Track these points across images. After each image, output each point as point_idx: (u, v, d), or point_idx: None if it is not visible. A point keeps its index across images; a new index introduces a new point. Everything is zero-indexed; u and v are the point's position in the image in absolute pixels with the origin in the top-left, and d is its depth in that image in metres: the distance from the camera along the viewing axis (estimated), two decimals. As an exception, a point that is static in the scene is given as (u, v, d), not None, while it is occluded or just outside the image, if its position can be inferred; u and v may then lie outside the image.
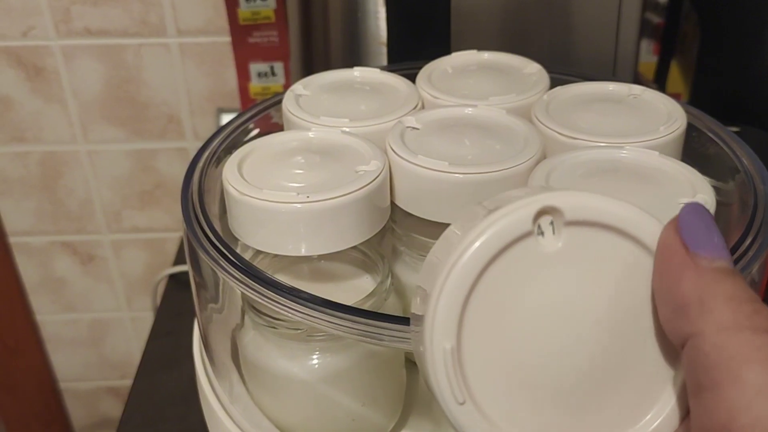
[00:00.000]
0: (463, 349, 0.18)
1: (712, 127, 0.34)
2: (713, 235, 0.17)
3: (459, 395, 0.18)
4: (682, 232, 0.17)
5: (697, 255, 0.17)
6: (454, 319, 0.18)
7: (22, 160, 0.74)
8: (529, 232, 0.18)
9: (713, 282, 0.16)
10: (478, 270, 0.18)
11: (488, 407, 0.18)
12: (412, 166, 0.29)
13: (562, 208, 0.18)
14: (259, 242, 0.29)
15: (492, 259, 0.18)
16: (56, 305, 0.83)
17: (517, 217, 0.18)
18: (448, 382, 0.18)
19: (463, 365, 0.18)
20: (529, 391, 0.18)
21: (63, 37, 0.68)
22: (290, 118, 0.33)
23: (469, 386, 0.18)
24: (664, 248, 0.18)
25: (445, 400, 0.18)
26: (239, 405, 0.31)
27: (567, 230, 0.18)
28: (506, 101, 0.34)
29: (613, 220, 0.18)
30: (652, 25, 0.63)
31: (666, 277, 0.17)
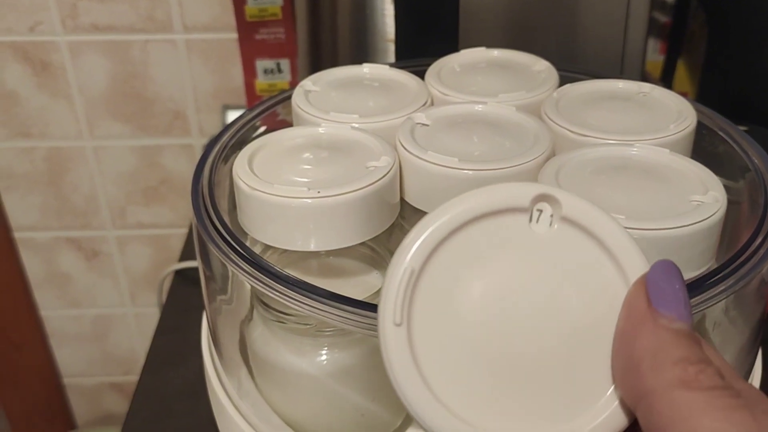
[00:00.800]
0: (415, 310, 0.18)
1: (722, 125, 0.34)
2: (679, 296, 0.18)
3: (398, 317, 0.18)
4: (649, 289, 0.18)
5: (659, 313, 0.17)
6: (425, 250, 0.18)
7: (27, 155, 0.74)
8: (523, 208, 0.19)
9: (668, 343, 0.17)
10: (461, 222, 0.19)
11: (431, 371, 0.18)
12: (422, 162, 0.29)
13: (561, 200, 0.19)
14: (269, 237, 0.29)
15: (480, 216, 0.19)
16: (60, 301, 0.84)
17: (516, 192, 0.19)
18: (395, 301, 0.18)
19: (411, 333, 0.18)
20: (474, 367, 0.19)
21: (70, 32, 0.68)
22: (300, 114, 0.33)
23: (416, 356, 0.18)
24: (629, 302, 0.18)
25: (384, 321, 0.18)
26: (248, 400, 0.31)
27: (560, 226, 0.19)
28: (516, 98, 0.34)
29: (604, 233, 0.19)
30: (659, 24, 0.63)
31: (626, 330, 0.18)
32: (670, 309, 0.17)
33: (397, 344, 0.18)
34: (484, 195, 0.19)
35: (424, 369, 0.18)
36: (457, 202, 0.19)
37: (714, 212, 0.26)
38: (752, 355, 0.31)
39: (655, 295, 0.18)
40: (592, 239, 0.19)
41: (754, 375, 0.31)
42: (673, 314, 0.17)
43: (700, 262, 0.26)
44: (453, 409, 0.18)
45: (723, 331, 0.29)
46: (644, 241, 0.25)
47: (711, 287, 0.25)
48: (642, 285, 0.18)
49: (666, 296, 0.18)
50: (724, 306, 0.28)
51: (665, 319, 0.17)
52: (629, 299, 0.18)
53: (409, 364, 0.18)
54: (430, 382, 0.18)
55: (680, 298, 0.18)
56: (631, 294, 0.18)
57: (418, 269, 0.18)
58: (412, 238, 0.19)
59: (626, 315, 0.18)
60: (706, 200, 0.26)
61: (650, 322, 0.17)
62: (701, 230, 0.25)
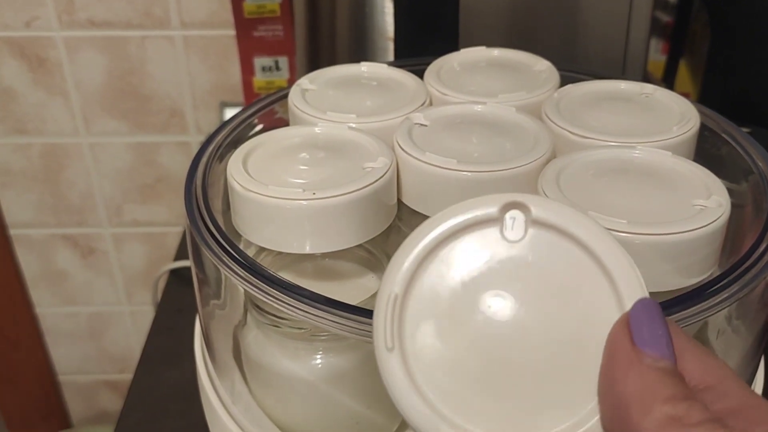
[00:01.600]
0: (408, 301, 0.19)
1: (725, 127, 0.33)
2: (662, 334, 0.18)
3: (389, 341, 0.19)
4: (632, 328, 0.18)
5: (643, 353, 0.17)
6: (406, 274, 0.19)
7: (23, 152, 0.73)
8: (494, 218, 0.19)
9: (655, 383, 0.17)
10: (437, 241, 0.19)
11: (427, 390, 0.19)
12: (420, 163, 0.28)
13: (529, 205, 0.19)
14: (263, 239, 0.28)
15: (453, 235, 0.19)
16: (56, 298, 0.83)
17: (484, 203, 0.19)
18: (384, 326, 0.19)
19: (403, 317, 0.19)
20: (466, 375, 0.19)
21: (66, 28, 0.67)
22: (296, 113, 0.33)
23: (403, 331, 0.19)
24: (612, 342, 0.18)
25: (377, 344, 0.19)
26: (240, 404, 0.31)
27: (534, 230, 0.19)
28: (516, 99, 0.33)
29: (578, 230, 0.19)
30: (662, 24, 0.62)
31: (610, 373, 0.18)
32: (653, 349, 0.17)
33: (392, 368, 0.19)
34: (453, 212, 0.20)
35: (421, 388, 0.19)
36: (429, 223, 0.20)
37: (717, 217, 0.25)
38: (755, 362, 0.30)
39: (639, 336, 0.18)
40: (567, 239, 0.19)
41: (757, 382, 0.31)
42: (657, 353, 0.17)
43: (702, 267, 0.26)
44: (453, 420, 0.19)
45: (726, 340, 0.29)
46: (646, 246, 0.24)
47: (714, 295, 0.24)
48: (624, 325, 0.18)
49: (649, 336, 0.18)
50: (727, 313, 0.28)
51: (650, 358, 0.17)
52: (612, 339, 0.18)
53: (407, 386, 0.19)
54: (430, 398, 0.19)
55: (663, 336, 0.18)
56: (614, 334, 0.18)
57: (402, 293, 0.19)
58: (393, 264, 0.20)
59: (610, 356, 0.18)
60: (710, 205, 0.26)
61: (636, 363, 0.17)
62: (704, 236, 0.25)
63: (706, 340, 0.29)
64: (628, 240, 0.24)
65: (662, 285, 0.25)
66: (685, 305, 0.24)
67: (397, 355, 0.19)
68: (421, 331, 0.19)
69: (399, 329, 0.19)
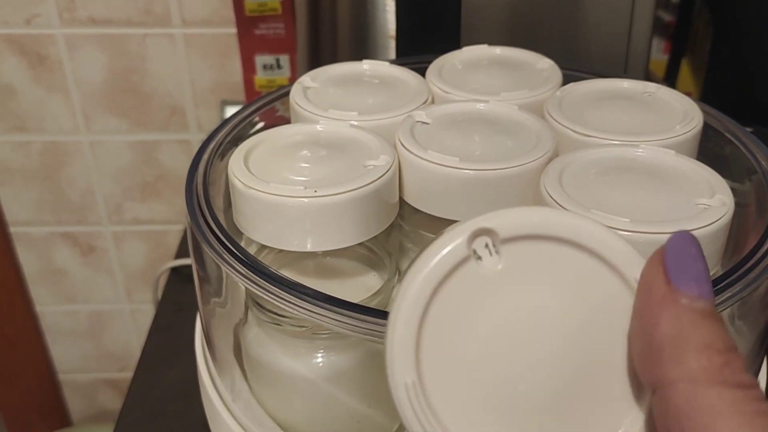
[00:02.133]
0: (426, 381, 0.18)
1: (729, 126, 0.33)
2: (700, 270, 0.16)
3: (429, 427, 0.17)
4: (668, 264, 0.16)
5: (679, 292, 0.16)
6: (410, 355, 0.17)
7: (23, 149, 0.73)
8: (465, 257, 0.18)
9: (690, 326, 0.16)
10: (423, 304, 0.17)
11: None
12: (421, 161, 0.28)
13: (494, 228, 0.18)
14: (264, 237, 0.28)
15: (434, 291, 0.18)
16: (56, 296, 0.83)
17: (451, 244, 0.18)
18: (416, 417, 0.17)
19: (428, 397, 0.18)
20: (496, 411, 0.18)
21: (67, 25, 0.67)
22: (298, 111, 0.33)
23: (438, 416, 0.18)
24: (645, 282, 0.17)
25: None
26: (241, 402, 0.31)
27: (506, 249, 0.18)
28: (518, 97, 0.33)
29: (550, 229, 0.18)
30: (663, 24, 0.62)
31: (644, 313, 0.17)
32: (691, 287, 0.16)
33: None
34: (423, 265, 0.18)
35: (446, 424, 0.18)
36: (403, 296, 0.18)
37: (721, 216, 0.25)
38: (757, 363, 0.30)
39: (675, 272, 0.16)
40: (541, 241, 0.18)
41: (759, 383, 0.31)
42: (696, 292, 0.16)
43: (705, 267, 0.25)
44: None
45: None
46: (649, 245, 0.24)
47: (717, 293, 0.24)
48: (659, 260, 0.16)
49: (686, 272, 0.16)
50: (729, 313, 0.28)
51: (687, 298, 0.16)
52: (646, 277, 0.17)
53: (431, 425, 0.17)
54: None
55: (702, 273, 0.16)
56: (647, 271, 0.17)
57: (417, 378, 0.18)
58: (392, 350, 0.18)
59: (644, 296, 0.17)
60: (713, 204, 0.26)
61: (671, 304, 0.16)
62: (707, 235, 0.25)
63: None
64: (631, 239, 0.24)
65: (665, 284, 0.25)
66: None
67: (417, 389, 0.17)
68: (451, 402, 0.18)
69: (430, 411, 0.17)
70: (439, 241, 0.18)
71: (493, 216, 0.18)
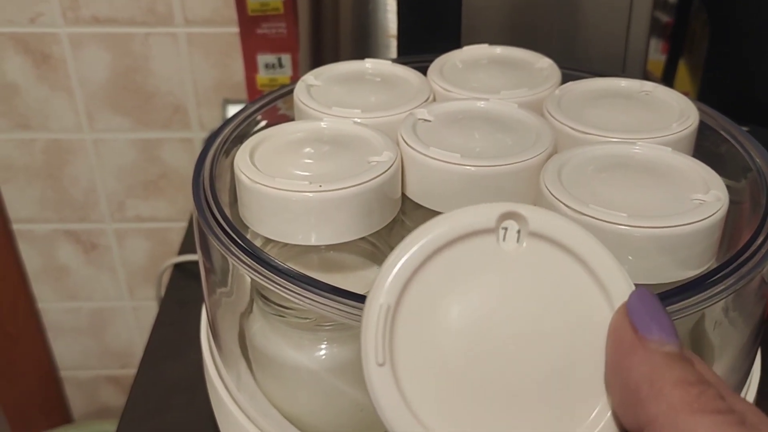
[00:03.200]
0: (397, 362, 0.18)
1: (725, 124, 0.34)
2: (662, 319, 0.17)
3: (397, 410, 0.18)
4: (633, 317, 0.18)
5: (646, 339, 0.17)
6: (398, 284, 0.18)
7: (27, 147, 0.74)
8: (490, 228, 0.19)
9: (663, 366, 0.17)
10: (431, 250, 0.18)
11: (420, 407, 0.18)
12: (423, 157, 0.29)
13: (526, 216, 0.19)
14: (270, 230, 0.28)
15: (448, 243, 0.18)
16: (58, 293, 0.83)
17: (481, 212, 0.19)
18: (384, 396, 0.18)
19: (398, 379, 0.18)
20: (465, 398, 0.18)
21: (70, 24, 0.67)
22: (302, 108, 0.33)
23: (406, 398, 0.18)
24: (614, 332, 0.18)
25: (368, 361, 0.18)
26: (246, 393, 0.31)
27: (529, 241, 0.19)
28: (518, 95, 0.34)
29: (574, 244, 0.19)
30: (661, 24, 0.63)
31: (617, 361, 0.18)
32: (656, 333, 0.17)
33: (382, 384, 0.18)
34: (449, 221, 0.19)
35: (413, 404, 0.18)
36: (423, 231, 0.19)
37: (715, 211, 0.26)
38: (752, 355, 0.31)
39: (640, 323, 0.17)
40: (564, 251, 0.19)
41: (753, 376, 0.32)
42: (662, 337, 0.17)
43: (700, 261, 0.26)
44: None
45: (723, 331, 0.29)
46: (646, 239, 0.25)
47: (711, 286, 0.25)
48: (624, 314, 0.18)
49: (650, 322, 0.17)
50: (724, 305, 0.28)
51: (654, 343, 0.17)
52: (614, 330, 0.18)
53: (397, 403, 0.18)
54: (421, 416, 0.18)
55: (664, 321, 0.17)
56: (614, 324, 0.18)
57: (394, 304, 0.18)
58: (384, 274, 0.19)
59: (614, 346, 0.18)
60: (708, 199, 0.26)
61: (640, 349, 0.17)
62: (702, 229, 0.25)
63: (703, 332, 0.29)
64: (628, 233, 0.25)
65: (661, 277, 0.26)
66: (683, 296, 0.24)
67: (388, 370, 0.18)
68: (413, 344, 0.18)
69: (390, 343, 0.18)
70: (474, 208, 0.19)
71: (531, 208, 0.19)
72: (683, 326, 0.29)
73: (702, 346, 0.30)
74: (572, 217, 0.26)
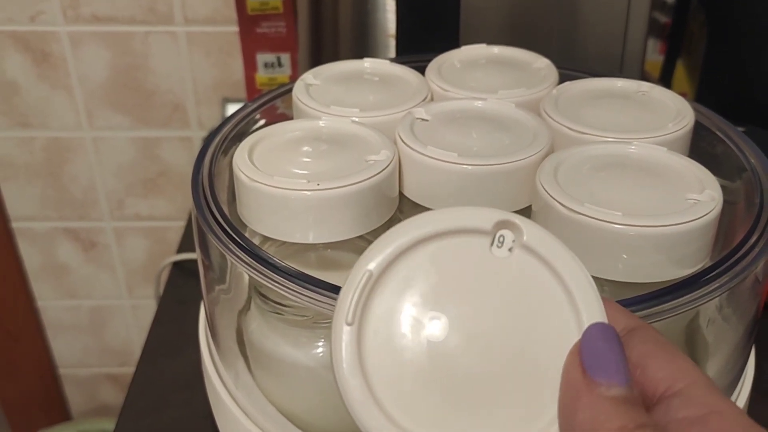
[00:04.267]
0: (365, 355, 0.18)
1: (720, 125, 0.34)
2: (614, 359, 0.17)
3: (350, 316, 0.18)
4: (583, 356, 0.18)
5: (595, 382, 0.17)
6: (387, 258, 0.19)
7: (27, 145, 0.74)
8: (486, 231, 0.19)
9: (605, 413, 0.17)
10: (426, 235, 0.19)
11: (383, 394, 0.18)
12: (421, 156, 0.29)
13: (523, 229, 0.19)
14: (268, 229, 0.29)
15: (443, 234, 0.19)
16: (57, 291, 0.84)
17: (482, 215, 0.19)
18: (350, 300, 0.18)
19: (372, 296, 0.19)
20: (421, 374, 0.18)
21: (71, 23, 0.68)
22: (300, 107, 0.34)
23: (370, 382, 0.18)
24: (565, 373, 0.18)
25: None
26: (244, 390, 0.31)
27: (519, 252, 0.19)
28: (515, 95, 0.34)
29: (560, 266, 0.19)
30: (659, 25, 0.63)
31: (564, 404, 0.18)
32: (604, 375, 0.17)
33: (346, 342, 0.18)
34: (450, 213, 0.20)
35: (369, 370, 0.18)
36: (423, 217, 0.20)
37: (710, 210, 0.26)
38: (745, 353, 0.31)
39: (589, 363, 0.17)
40: (548, 270, 0.19)
41: (747, 373, 0.32)
42: (609, 380, 0.17)
43: (695, 259, 0.26)
44: (392, 416, 0.18)
45: (717, 329, 0.29)
46: (640, 238, 0.25)
47: (705, 284, 0.25)
48: (576, 354, 0.18)
49: (600, 362, 0.17)
50: (718, 304, 0.28)
51: (601, 387, 0.17)
52: (566, 371, 0.18)
53: (355, 364, 0.18)
54: (372, 383, 0.18)
55: (614, 361, 0.17)
56: (567, 365, 0.18)
57: (377, 274, 0.19)
58: (377, 244, 0.19)
59: (564, 386, 0.18)
60: (703, 198, 0.26)
61: (586, 395, 0.17)
62: (697, 228, 0.25)
63: (698, 330, 0.30)
64: (623, 231, 0.25)
65: (656, 276, 0.26)
66: (677, 294, 0.24)
67: (354, 330, 0.18)
68: (385, 317, 0.19)
69: (364, 308, 0.19)
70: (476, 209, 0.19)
71: (528, 222, 0.20)
72: (677, 324, 0.29)
73: (696, 343, 0.30)
74: (568, 215, 0.26)
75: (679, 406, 0.17)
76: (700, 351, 0.30)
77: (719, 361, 0.30)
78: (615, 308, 0.19)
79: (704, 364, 0.30)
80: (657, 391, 0.18)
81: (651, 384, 0.18)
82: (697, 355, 0.30)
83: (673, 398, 0.17)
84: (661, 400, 0.18)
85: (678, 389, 0.17)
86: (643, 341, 0.18)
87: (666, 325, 0.25)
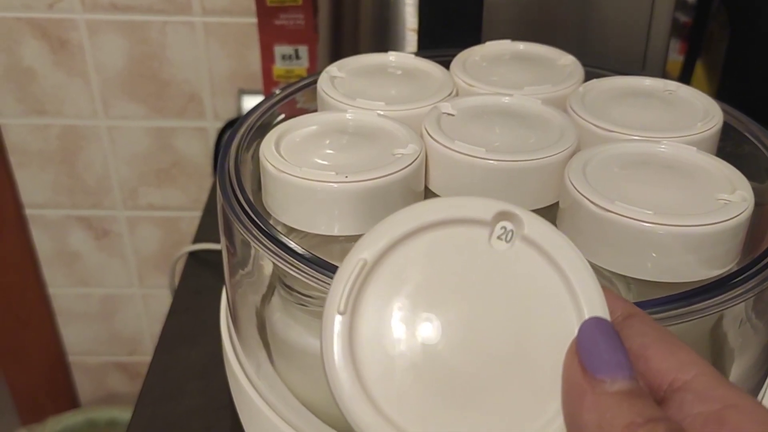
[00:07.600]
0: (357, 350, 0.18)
1: (748, 125, 0.34)
2: (612, 354, 0.17)
3: (342, 305, 0.18)
4: (581, 354, 0.17)
5: (596, 380, 0.17)
6: (383, 246, 0.18)
7: (42, 132, 0.74)
8: (485, 221, 0.19)
9: (611, 409, 0.16)
10: (425, 224, 0.19)
11: (374, 387, 0.18)
12: (448, 151, 0.29)
13: (523, 220, 0.19)
14: (293, 219, 0.29)
15: (441, 223, 0.19)
16: (69, 279, 0.84)
17: (481, 205, 0.19)
18: (343, 289, 0.18)
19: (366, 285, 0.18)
20: (424, 384, 0.18)
21: (89, 11, 0.68)
22: (325, 99, 0.34)
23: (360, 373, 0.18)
24: (566, 374, 0.18)
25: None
26: (266, 380, 0.31)
27: (519, 244, 0.19)
28: (541, 91, 0.34)
29: (561, 258, 0.19)
30: (680, 24, 0.63)
31: (568, 407, 0.17)
32: (605, 371, 0.17)
33: (336, 331, 0.18)
34: (450, 202, 0.19)
35: (360, 361, 0.18)
36: (422, 206, 0.19)
37: (741, 211, 0.26)
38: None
39: (588, 360, 0.17)
40: (550, 263, 0.19)
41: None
42: (611, 375, 0.16)
43: (724, 261, 0.26)
44: (383, 410, 0.18)
45: (743, 333, 0.29)
46: (671, 237, 0.25)
47: (734, 287, 0.25)
48: (574, 354, 0.17)
49: (600, 357, 0.17)
50: (745, 307, 0.28)
51: (604, 383, 0.16)
52: (565, 371, 0.17)
53: (346, 354, 0.18)
54: (363, 375, 0.18)
55: (613, 356, 0.17)
56: (566, 366, 0.18)
57: (372, 263, 0.18)
58: (373, 231, 0.19)
59: (566, 389, 0.17)
60: (734, 199, 0.26)
61: (589, 394, 0.17)
62: (728, 229, 0.25)
63: (723, 332, 0.29)
64: (654, 230, 0.25)
65: (684, 276, 0.26)
66: (705, 296, 0.24)
67: (345, 320, 0.18)
68: (379, 307, 0.18)
69: (357, 297, 0.18)
70: (476, 200, 0.19)
71: (528, 213, 0.19)
72: (704, 326, 0.29)
73: (722, 346, 0.30)
74: (598, 213, 0.26)
75: (693, 401, 0.16)
76: (726, 354, 0.30)
77: (745, 364, 0.30)
78: (612, 296, 0.19)
79: (729, 368, 0.30)
80: (663, 383, 0.17)
81: (656, 376, 0.17)
82: (722, 359, 0.30)
83: (685, 393, 0.17)
84: (672, 394, 0.17)
85: (685, 381, 0.17)
86: (642, 331, 0.18)
87: (692, 326, 0.25)
